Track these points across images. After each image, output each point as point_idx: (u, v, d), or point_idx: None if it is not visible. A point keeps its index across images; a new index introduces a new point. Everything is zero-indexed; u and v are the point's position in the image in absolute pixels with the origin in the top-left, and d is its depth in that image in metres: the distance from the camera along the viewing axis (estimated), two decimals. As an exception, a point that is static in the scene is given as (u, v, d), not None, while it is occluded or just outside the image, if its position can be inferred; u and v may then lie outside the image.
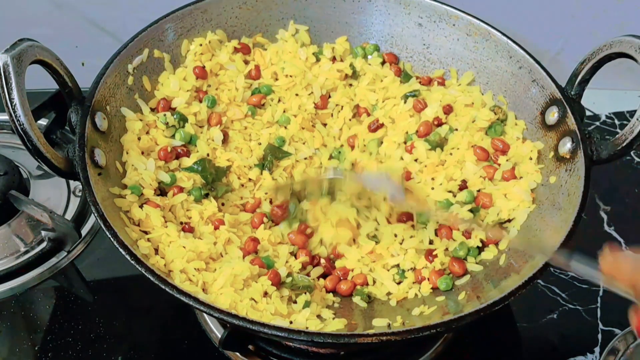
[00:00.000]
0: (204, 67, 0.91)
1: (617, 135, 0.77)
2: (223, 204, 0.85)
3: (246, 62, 0.95)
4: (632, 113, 0.76)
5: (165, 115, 0.86)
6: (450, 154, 0.88)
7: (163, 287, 0.66)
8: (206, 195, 0.84)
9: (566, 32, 1.16)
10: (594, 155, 0.78)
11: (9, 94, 0.69)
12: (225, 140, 0.90)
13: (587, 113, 0.85)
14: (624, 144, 0.77)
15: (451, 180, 0.86)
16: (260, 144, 0.90)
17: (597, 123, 1.17)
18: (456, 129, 0.90)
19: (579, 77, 0.82)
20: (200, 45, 0.91)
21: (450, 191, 0.85)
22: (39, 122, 0.76)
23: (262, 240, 0.82)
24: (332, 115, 0.95)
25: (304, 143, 0.92)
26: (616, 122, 1.16)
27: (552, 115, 0.83)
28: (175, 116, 0.87)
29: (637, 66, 0.75)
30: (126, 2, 1.10)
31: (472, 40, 0.92)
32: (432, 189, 0.86)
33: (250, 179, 0.88)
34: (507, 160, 0.86)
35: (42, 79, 0.78)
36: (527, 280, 0.69)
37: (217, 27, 0.93)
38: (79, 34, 1.15)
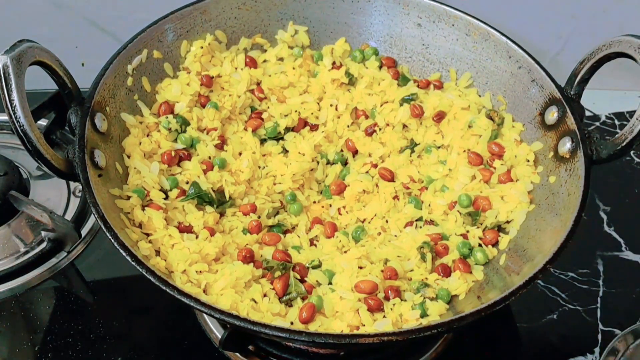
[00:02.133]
0: (212, 77, 0.91)
1: (616, 135, 0.77)
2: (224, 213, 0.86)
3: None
4: (632, 113, 0.76)
5: (167, 118, 0.86)
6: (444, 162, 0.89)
7: (164, 288, 0.66)
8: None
9: (566, 32, 1.16)
10: (594, 155, 0.78)
11: (9, 95, 0.70)
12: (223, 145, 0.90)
13: (587, 113, 0.85)
14: (624, 143, 0.77)
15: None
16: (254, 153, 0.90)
17: (597, 123, 1.17)
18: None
19: (578, 77, 0.82)
20: (201, 47, 0.91)
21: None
22: (39, 122, 0.77)
23: (256, 251, 0.81)
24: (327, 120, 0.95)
25: (303, 155, 0.92)
26: (616, 122, 1.16)
27: (552, 115, 0.83)
28: (177, 120, 0.87)
29: (637, 66, 0.75)
30: (126, 2, 1.11)
31: (472, 40, 0.92)
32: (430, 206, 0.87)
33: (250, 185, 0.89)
34: (502, 164, 0.86)
35: (42, 79, 0.79)
36: (528, 281, 0.69)
37: (216, 27, 0.93)
38: (79, 35, 1.15)
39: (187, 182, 0.84)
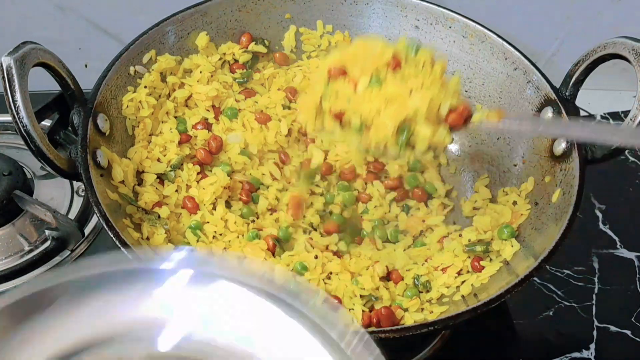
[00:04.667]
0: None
1: (611, 136, 0.78)
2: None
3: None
4: (627, 113, 0.76)
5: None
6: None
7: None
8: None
9: (561, 33, 1.17)
10: (589, 154, 0.79)
11: (12, 96, 0.71)
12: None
13: (583, 113, 0.86)
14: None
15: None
16: None
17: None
18: None
19: (573, 78, 0.83)
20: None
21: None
22: (43, 122, 0.78)
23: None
24: None
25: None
26: (611, 122, 1.17)
27: (547, 116, 0.84)
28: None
29: (631, 67, 0.76)
30: (129, 4, 1.12)
31: (468, 42, 0.93)
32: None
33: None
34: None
35: (47, 80, 0.80)
36: (523, 279, 0.70)
37: (217, 29, 0.94)
38: (81, 37, 1.16)
39: None
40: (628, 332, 0.90)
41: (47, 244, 0.94)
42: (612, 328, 0.90)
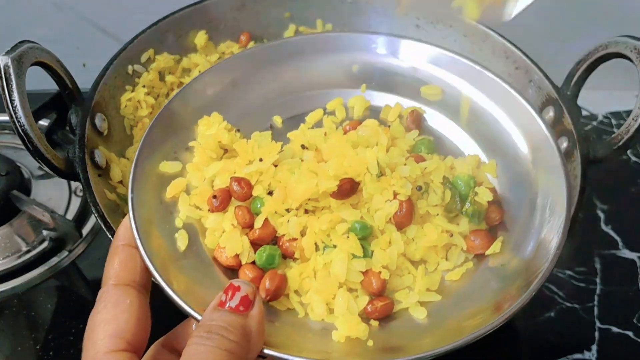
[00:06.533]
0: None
1: (613, 135, 0.78)
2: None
3: None
4: (629, 113, 0.76)
5: None
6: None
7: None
8: None
9: (564, 33, 1.17)
10: (590, 154, 0.79)
11: (10, 95, 0.70)
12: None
13: (585, 113, 0.86)
14: (620, 143, 0.77)
15: None
16: None
17: (594, 123, 1.17)
18: None
19: (575, 78, 0.82)
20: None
21: None
22: (41, 122, 0.77)
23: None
24: None
25: None
26: (613, 121, 1.16)
27: (549, 116, 0.84)
28: None
29: (634, 66, 0.75)
30: (127, 3, 1.11)
31: (469, 42, 0.93)
32: None
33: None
34: None
35: (45, 79, 0.79)
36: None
37: (216, 28, 0.94)
38: (80, 36, 1.16)
39: None
40: (630, 334, 0.89)
41: (45, 244, 0.94)
42: (614, 329, 0.89)
